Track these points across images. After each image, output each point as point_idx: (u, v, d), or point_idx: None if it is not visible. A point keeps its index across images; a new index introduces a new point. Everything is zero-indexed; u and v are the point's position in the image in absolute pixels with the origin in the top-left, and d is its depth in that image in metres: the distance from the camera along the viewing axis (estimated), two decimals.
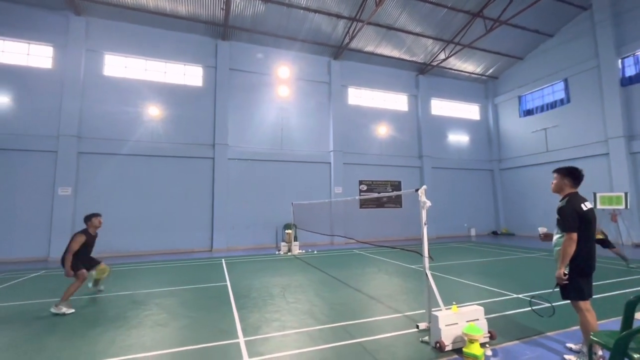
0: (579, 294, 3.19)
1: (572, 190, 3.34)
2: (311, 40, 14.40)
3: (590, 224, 3.18)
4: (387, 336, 3.92)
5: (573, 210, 3.15)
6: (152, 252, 11.84)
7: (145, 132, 12.37)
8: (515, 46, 16.43)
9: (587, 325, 3.13)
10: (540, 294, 4.00)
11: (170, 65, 13.14)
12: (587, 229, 3.14)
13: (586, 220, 3.14)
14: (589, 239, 3.17)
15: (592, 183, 13.85)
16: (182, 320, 4.61)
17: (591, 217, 3.20)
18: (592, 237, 3.21)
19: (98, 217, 5.68)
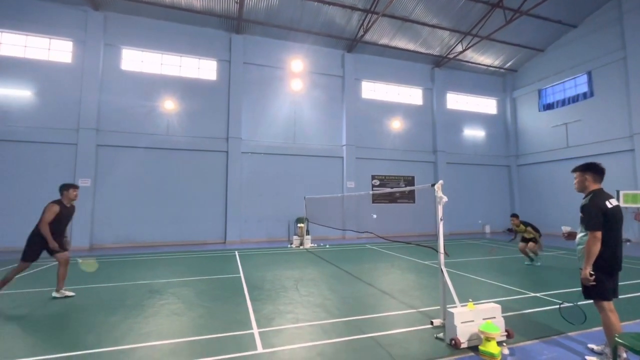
0: (602, 294, 3.09)
1: (595, 186, 3.19)
2: (325, 33, 14.26)
3: (616, 222, 3.03)
4: (401, 331, 3.89)
5: (597, 208, 3.01)
6: (167, 243, 12.11)
7: (161, 126, 12.57)
8: (536, 37, 15.85)
9: (610, 327, 3.01)
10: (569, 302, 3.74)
11: (185, 60, 13.27)
12: (612, 228, 3.00)
13: (611, 217, 2.99)
14: (615, 237, 3.03)
15: (615, 180, 13.35)
16: (197, 310, 4.70)
17: (617, 215, 3.04)
18: (618, 236, 3.07)
19: (75, 188, 5.36)
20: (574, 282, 6.22)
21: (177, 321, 4.25)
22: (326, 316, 4.41)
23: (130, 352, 3.38)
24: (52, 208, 5.07)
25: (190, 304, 4.99)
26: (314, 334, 3.82)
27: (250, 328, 3.97)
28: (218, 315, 4.46)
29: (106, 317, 4.38)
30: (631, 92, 13.02)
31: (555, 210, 15.92)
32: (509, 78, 18.57)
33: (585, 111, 14.88)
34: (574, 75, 15.38)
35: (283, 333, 3.84)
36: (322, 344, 3.54)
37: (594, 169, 3.16)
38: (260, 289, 5.83)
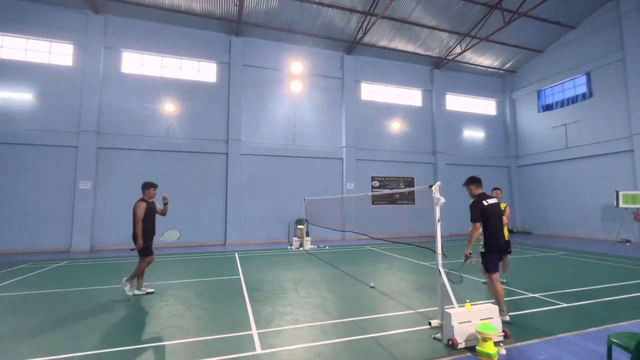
0: (490, 268, 4.35)
1: (478, 191, 4.56)
2: (324, 35, 14.32)
3: (492, 216, 4.39)
4: (399, 332, 3.91)
5: (476, 206, 4.38)
6: (167, 245, 12.13)
7: (161, 128, 12.62)
8: (534, 39, 15.90)
9: (496, 292, 4.25)
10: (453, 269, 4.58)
11: (185, 62, 13.33)
12: (489, 220, 4.36)
13: (488, 213, 4.36)
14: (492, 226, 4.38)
15: (614, 181, 13.39)
16: (197, 311, 4.73)
17: (493, 210, 4.43)
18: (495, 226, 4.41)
19: (155, 188, 5.90)
20: (573, 283, 6.24)
21: (177, 322, 4.27)
22: (325, 317, 4.44)
23: (129, 353, 3.40)
24: (141, 205, 5.58)
25: (190, 305, 5.02)
26: (313, 334, 3.85)
27: (250, 329, 4.00)
28: (217, 317, 4.49)
29: (105, 319, 4.41)
30: (630, 92, 13.05)
31: (556, 210, 15.94)
32: (508, 79, 18.62)
33: (584, 112, 14.91)
34: (573, 76, 15.42)
35: (282, 334, 3.86)
36: (321, 344, 3.57)
37: (474, 180, 4.66)
38: (259, 290, 5.85)
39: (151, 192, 5.83)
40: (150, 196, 5.83)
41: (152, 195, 5.85)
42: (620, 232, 13.04)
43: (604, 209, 13.79)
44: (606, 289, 5.85)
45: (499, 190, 6.06)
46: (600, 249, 10.95)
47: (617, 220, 13.18)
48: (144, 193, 5.82)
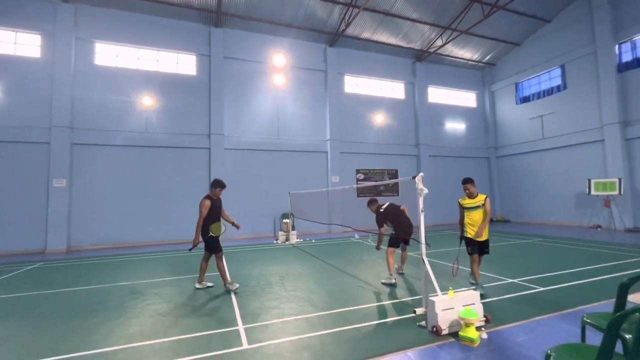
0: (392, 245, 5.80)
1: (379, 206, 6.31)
2: (307, 27, 14.14)
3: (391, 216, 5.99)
4: (385, 321, 3.98)
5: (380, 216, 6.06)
6: (150, 242, 11.84)
7: (139, 123, 12.20)
8: (512, 32, 16.26)
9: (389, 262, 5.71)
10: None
11: (162, 54, 12.87)
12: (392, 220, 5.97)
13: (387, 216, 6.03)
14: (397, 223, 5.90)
15: (586, 170, 14.00)
16: (181, 309, 4.64)
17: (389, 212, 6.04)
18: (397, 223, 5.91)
19: (221, 189, 5.82)
20: (549, 268, 6.51)
21: (161, 321, 4.18)
22: (312, 310, 4.45)
23: (112, 354, 3.31)
24: (205, 203, 5.53)
25: (175, 303, 4.93)
26: (299, 327, 3.85)
27: (236, 325, 3.96)
28: (203, 314, 4.42)
29: (85, 320, 4.26)
30: (601, 84, 13.60)
31: (532, 199, 16.55)
32: (488, 72, 19.02)
33: (559, 104, 15.45)
34: (549, 68, 15.91)
35: (269, 328, 3.85)
36: (307, 337, 3.58)
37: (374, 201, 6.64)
38: (245, 286, 5.81)
39: (217, 191, 5.77)
40: (216, 195, 5.77)
41: (218, 194, 5.79)
42: (592, 218, 13.70)
43: (577, 197, 14.43)
44: (580, 272, 6.14)
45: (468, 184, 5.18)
46: (574, 235, 11.48)
47: (589, 207, 13.83)
48: (211, 190, 5.77)
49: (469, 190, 5.17)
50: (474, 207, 5.11)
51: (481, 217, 5.06)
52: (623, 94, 13.14)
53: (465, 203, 5.23)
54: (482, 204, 5.05)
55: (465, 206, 5.21)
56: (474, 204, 5.12)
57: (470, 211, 5.15)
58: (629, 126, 12.89)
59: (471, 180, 5.21)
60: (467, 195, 5.21)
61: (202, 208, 5.49)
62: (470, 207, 5.14)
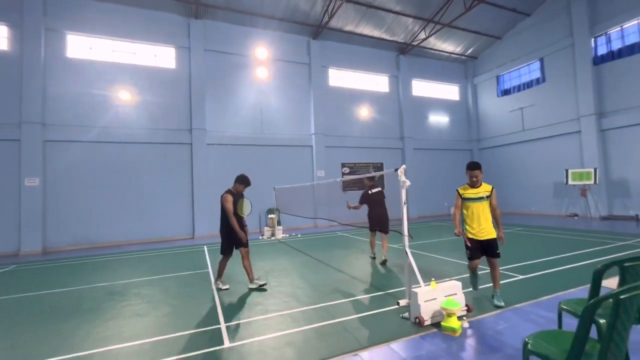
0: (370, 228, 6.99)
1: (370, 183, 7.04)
2: (289, 19, 13.89)
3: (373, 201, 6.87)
4: (369, 314, 3.97)
5: (363, 196, 6.99)
6: (131, 242, 11.52)
7: (116, 118, 11.75)
8: (493, 25, 16.47)
9: (371, 243, 7.10)
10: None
11: (139, 46, 12.40)
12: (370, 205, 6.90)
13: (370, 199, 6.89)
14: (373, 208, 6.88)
15: (564, 160, 14.43)
16: (162, 309, 4.52)
17: (373, 197, 6.89)
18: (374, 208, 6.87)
19: (246, 186, 5.46)
20: (528, 256, 6.67)
21: (140, 322, 4.05)
22: (296, 305, 4.41)
23: (88, 358, 3.18)
24: (228, 197, 5.18)
25: (155, 303, 4.79)
26: (283, 323, 3.80)
27: (218, 323, 3.88)
28: (183, 313, 4.31)
29: (60, 324, 4.09)
30: (578, 77, 13.98)
31: (513, 189, 16.97)
32: (470, 65, 19.25)
33: (538, 96, 15.81)
34: (528, 61, 16.23)
35: (251, 325, 3.78)
36: (290, 332, 3.54)
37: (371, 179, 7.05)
38: (228, 282, 5.70)
39: (240, 188, 5.40)
40: (238, 191, 5.40)
41: (240, 190, 5.42)
42: (569, 207, 14.18)
43: (555, 187, 14.89)
44: (557, 260, 6.32)
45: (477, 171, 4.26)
46: (552, 224, 11.85)
47: (567, 196, 14.30)
48: (234, 185, 5.40)
49: (477, 178, 4.15)
50: (477, 199, 4.15)
51: (483, 211, 4.15)
52: (598, 86, 13.55)
53: (467, 193, 4.22)
54: (488, 196, 4.15)
55: (466, 197, 4.21)
56: (476, 195, 4.16)
57: (471, 203, 4.17)
58: (604, 117, 13.33)
59: (479, 166, 4.18)
60: (470, 185, 4.22)
61: (226, 203, 5.12)
62: (472, 198, 4.17)
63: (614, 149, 13.09)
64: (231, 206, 5.12)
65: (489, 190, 4.18)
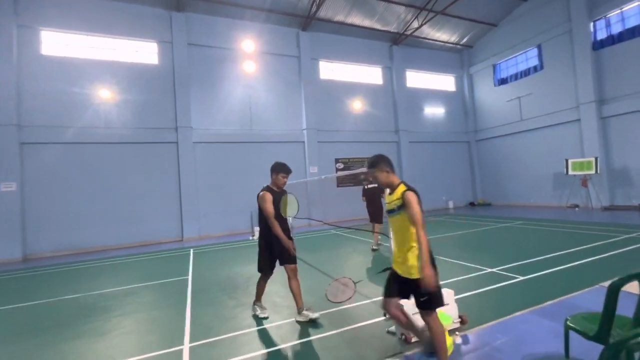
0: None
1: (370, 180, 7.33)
2: (277, 10, 13.34)
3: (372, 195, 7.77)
4: (352, 328, 3.56)
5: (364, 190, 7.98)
6: (117, 246, 11.09)
7: (97, 118, 11.26)
8: (489, 12, 15.92)
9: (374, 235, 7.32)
10: None
11: (119, 42, 11.86)
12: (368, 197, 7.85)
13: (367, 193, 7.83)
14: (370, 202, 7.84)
15: (564, 150, 14.00)
16: (126, 326, 4.10)
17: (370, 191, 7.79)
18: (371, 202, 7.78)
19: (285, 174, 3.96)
20: (529, 254, 6.27)
21: (97, 343, 3.63)
22: (274, 318, 4.00)
23: None
24: (266, 196, 3.78)
25: (121, 317, 4.37)
26: (253, 343, 3.39)
27: (182, 343, 3.46)
28: (148, 331, 3.89)
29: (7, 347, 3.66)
30: (576, 63, 13.48)
31: (512, 181, 16.56)
32: (466, 54, 18.71)
33: (536, 84, 15.32)
34: (525, 49, 15.71)
35: (218, 345, 3.36)
36: (260, 354, 3.12)
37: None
38: (206, 292, 5.30)
39: (280, 179, 3.95)
40: (279, 185, 3.97)
41: (281, 183, 3.98)
42: (570, 198, 13.77)
43: (555, 177, 14.47)
44: (560, 257, 5.91)
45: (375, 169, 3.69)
46: (553, 216, 11.45)
47: (567, 187, 13.89)
48: (273, 178, 3.97)
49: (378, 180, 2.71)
50: (389, 211, 2.63)
51: (398, 231, 2.59)
52: (598, 72, 13.06)
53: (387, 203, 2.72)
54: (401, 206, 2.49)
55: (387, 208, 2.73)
56: (389, 205, 2.64)
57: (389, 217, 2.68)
58: (604, 104, 12.87)
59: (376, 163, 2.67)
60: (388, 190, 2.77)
61: (265, 203, 3.75)
62: (388, 211, 2.68)
63: (615, 137, 12.65)
64: (271, 207, 3.74)
65: (400, 197, 2.49)
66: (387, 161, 2.68)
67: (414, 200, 2.43)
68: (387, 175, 2.65)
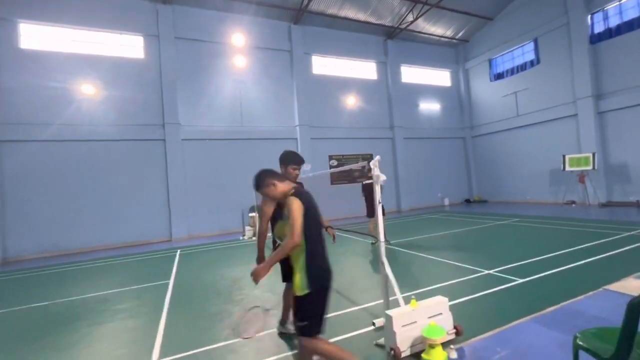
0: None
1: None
2: (267, 2, 12.92)
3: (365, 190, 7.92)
4: (337, 340, 3.25)
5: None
6: (103, 246, 10.72)
7: (80, 114, 10.82)
8: (484, 5, 15.61)
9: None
10: None
11: (103, 35, 11.40)
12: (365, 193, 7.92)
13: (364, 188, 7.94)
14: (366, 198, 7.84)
15: (561, 145, 13.79)
16: (95, 337, 3.76)
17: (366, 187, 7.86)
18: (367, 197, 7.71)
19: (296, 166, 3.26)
20: (527, 253, 6.00)
21: (59, 358, 3.30)
22: None
23: None
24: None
25: (90, 327, 4.03)
26: (229, 357, 3.07)
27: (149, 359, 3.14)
28: (114, 345, 3.56)
29: None
30: (574, 57, 13.23)
31: (509, 178, 16.35)
32: (461, 49, 18.42)
33: (532, 79, 15.07)
34: (522, 43, 15.43)
35: None
36: None
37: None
38: (186, 297, 4.97)
39: (291, 172, 3.24)
40: (291, 179, 3.16)
41: (294, 177, 3.25)
42: (566, 194, 13.57)
43: (552, 173, 14.26)
44: (559, 257, 5.65)
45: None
46: (550, 213, 11.23)
47: (563, 184, 13.68)
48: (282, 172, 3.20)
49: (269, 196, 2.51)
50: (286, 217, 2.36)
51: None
52: (596, 66, 12.82)
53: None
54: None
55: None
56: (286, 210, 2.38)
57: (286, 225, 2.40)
58: (602, 99, 12.64)
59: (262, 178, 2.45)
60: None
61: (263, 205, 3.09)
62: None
63: (613, 132, 12.44)
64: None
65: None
66: (270, 173, 2.48)
67: (293, 207, 2.27)
68: (276, 187, 2.43)
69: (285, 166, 3.28)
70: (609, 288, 4.01)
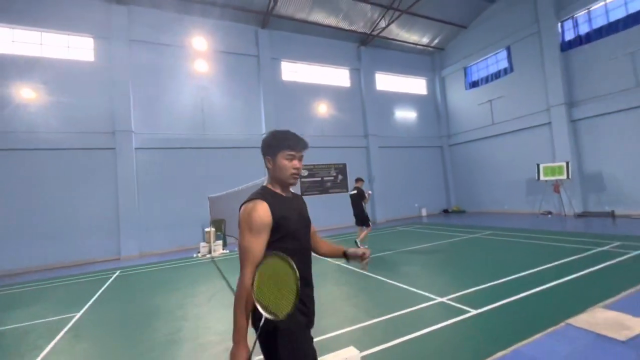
0: None
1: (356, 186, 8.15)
2: (231, 5, 12.34)
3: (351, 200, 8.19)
4: None
5: None
6: (37, 268, 9.63)
7: (15, 121, 9.86)
8: (458, 13, 15.44)
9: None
10: None
11: (47, 36, 10.56)
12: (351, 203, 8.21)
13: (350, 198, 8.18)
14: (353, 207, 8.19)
15: (536, 154, 13.48)
16: None
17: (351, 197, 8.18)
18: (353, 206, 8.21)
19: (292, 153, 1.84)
20: (490, 274, 5.36)
21: None
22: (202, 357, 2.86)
23: None
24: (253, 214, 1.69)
25: None
26: None
27: None
28: None
29: None
30: (546, 65, 13.04)
31: (485, 187, 15.97)
32: (437, 57, 18.22)
33: (506, 87, 14.85)
34: (495, 51, 15.27)
35: None
36: None
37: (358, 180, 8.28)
38: (86, 338, 4.09)
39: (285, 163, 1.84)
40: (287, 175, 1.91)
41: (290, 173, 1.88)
42: (542, 204, 13.20)
43: (528, 183, 13.91)
44: (523, 278, 5.02)
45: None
46: (525, 225, 10.75)
47: (539, 193, 13.32)
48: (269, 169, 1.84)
49: None
50: None
51: None
52: (567, 73, 12.64)
53: None
54: None
55: None
56: None
57: None
58: (574, 107, 12.41)
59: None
60: None
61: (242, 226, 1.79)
62: None
63: (586, 141, 12.18)
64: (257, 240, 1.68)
65: None
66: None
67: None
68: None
69: (272, 157, 1.79)
70: (572, 323, 3.36)
